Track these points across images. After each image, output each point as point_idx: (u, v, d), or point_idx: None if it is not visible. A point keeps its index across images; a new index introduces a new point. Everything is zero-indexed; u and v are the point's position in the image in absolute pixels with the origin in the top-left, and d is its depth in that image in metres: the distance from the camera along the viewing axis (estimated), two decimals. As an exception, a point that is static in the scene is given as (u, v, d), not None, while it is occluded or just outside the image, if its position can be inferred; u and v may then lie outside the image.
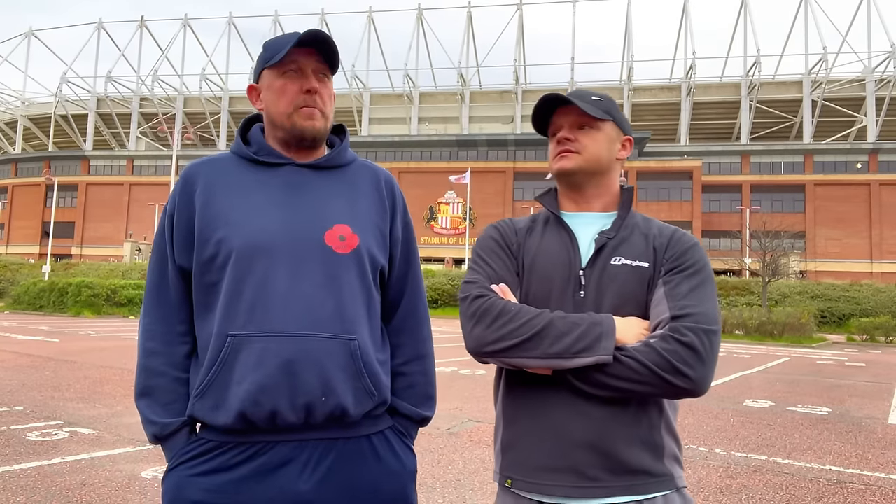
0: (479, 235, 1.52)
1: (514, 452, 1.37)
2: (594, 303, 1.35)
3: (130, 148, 67.94)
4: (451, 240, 55.58)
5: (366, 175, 1.49)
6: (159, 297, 1.40)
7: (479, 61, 69.67)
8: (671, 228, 1.46)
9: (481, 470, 4.70)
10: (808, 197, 52.88)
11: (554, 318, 1.30)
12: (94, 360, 10.35)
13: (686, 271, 1.35)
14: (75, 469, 4.37)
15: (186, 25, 70.30)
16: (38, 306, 25.78)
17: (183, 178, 1.43)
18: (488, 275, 1.41)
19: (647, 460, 1.31)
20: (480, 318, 1.33)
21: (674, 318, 1.27)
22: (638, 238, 1.41)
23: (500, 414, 1.44)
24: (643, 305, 1.36)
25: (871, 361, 15.61)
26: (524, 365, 1.31)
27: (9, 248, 62.83)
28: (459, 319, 1.41)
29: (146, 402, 1.36)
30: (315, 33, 1.37)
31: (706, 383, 1.26)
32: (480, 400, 7.79)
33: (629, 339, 1.29)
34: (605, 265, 1.38)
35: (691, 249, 1.39)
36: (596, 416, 1.30)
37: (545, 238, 1.45)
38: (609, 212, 1.48)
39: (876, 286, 32.08)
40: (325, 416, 1.29)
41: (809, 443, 6.01)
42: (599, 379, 1.26)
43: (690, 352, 1.24)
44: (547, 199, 1.52)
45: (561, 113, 1.48)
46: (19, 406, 6.43)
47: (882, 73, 57.08)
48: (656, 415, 1.35)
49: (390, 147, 59.02)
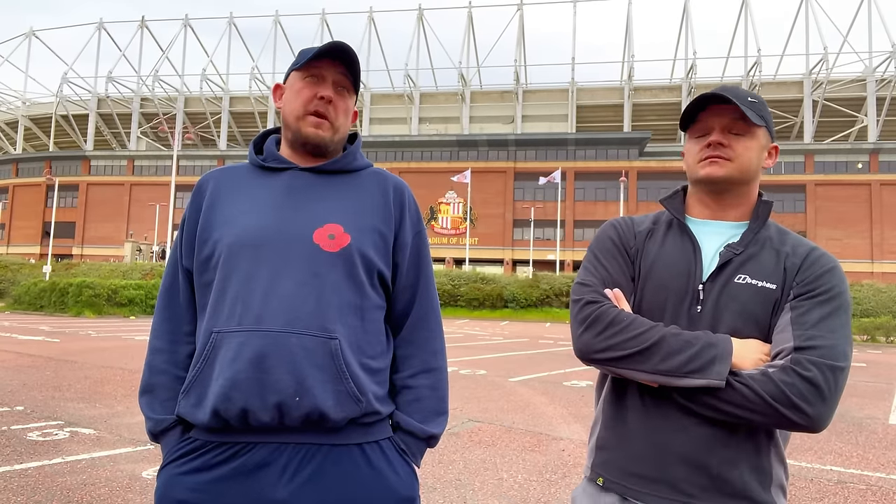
0: (597, 232, 1.47)
1: (609, 453, 1.35)
2: (711, 320, 1.28)
3: (131, 148, 67.89)
4: (451, 240, 55.55)
5: (373, 181, 1.47)
6: (170, 298, 1.44)
7: (479, 61, 69.65)
8: (808, 246, 1.34)
9: (481, 470, 4.70)
10: (808, 197, 52.83)
11: (667, 333, 1.24)
12: (95, 360, 10.36)
13: (818, 297, 1.25)
14: (76, 469, 4.37)
15: (187, 26, 70.28)
16: (39, 306, 25.78)
17: (198, 184, 1.48)
18: (602, 278, 1.37)
19: (753, 486, 1.25)
20: (591, 325, 1.30)
21: (797, 349, 1.19)
22: (768, 255, 1.32)
23: (600, 412, 1.42)
24: (766, 330, 1.27)
25: (872, 361, 15.60)
26: (631, 377, 1.28)
27: (9, 248, 62.83)
28: (570, 320, 1.38)
29: (147, 399, 1.40)
30: (340, 44, 1.39)
31: (825, 422, 1.18)
32: (481, 400, 7.78)
33: (746, 365, 1.22)
34: (728, 282, 1.30)
35: (828, 273, 1.28)
36: (700, 435, 1.25)
37: (666, 244, 1.39)
38: (741, 221, 1.39)
39: (877, 286, 32.04)
40: (301, 418, 1.25)
41: (810, 443, 6.00)
42: (708, 401, 1.21)
43: (811, 387, 1.16)
44: (673, 203, 1.43)
45: (714, 112, 1.37)
46: (20, 406, 6.43)
47: (883, 73, 56.99)
48: (765, 440, 1.28)
49: (391, 147, 59.00)
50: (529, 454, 5.22)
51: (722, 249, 1.33)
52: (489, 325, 25.47)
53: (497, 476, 4.57)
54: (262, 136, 1.54)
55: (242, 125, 68.31)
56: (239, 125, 68.31)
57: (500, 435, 5.89)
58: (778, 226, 1.40)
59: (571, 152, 57.02)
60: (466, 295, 32.72)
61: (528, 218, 53.78)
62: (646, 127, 59.50)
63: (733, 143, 1.35)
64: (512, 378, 9.91)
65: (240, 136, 68.43)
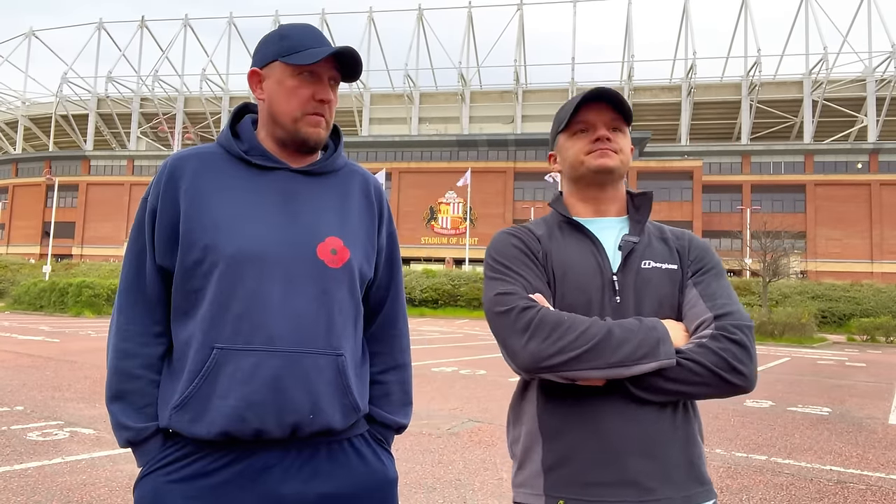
0: (495, 243, 1.43)
1: (563, 470, 1.29)
2: (633, 307, 1.33)
3: (131, 148, 67.89)
4: (451, 240, 55.56)
5: (356, 182, 1.45)
6: (136, 295, 1.32)
7: (479, 61, 69.67)
8: (680, 230, 1.48)
9: (481, 470, 4.70)
10: (808, 197, 52.82)
11: (611, 326, 1.25)
12: (95, 360, 10.35)
13: (712, 271, 1.38)
14: (76, 469, 4.37)
15: (187, 26, 70.28)
16: (39, 306, 25.77)
17: (168, 171, 1.33)
18: (522, 285, 1.33)
19: (697, 467, 1.30)
20: (535, 332, 1.25)
21: (717, 317, 1.28)
22: (657, 242, 1.42)
23: (534, 430, 1.34)
24: (676, 308, 1.36)
25: (872, 361, 15.60)
26: (584, 377, 1.24)
27: (9, 248, 62.82)
28: (499, 334, 1.32)
29: (119, 406, 1.29)
30: (343, 51, 1.33)
31: (755, 379, 1.27)
32: (481, 400, 7.78)
33: (679, 342, 1.27)
34: (638, 269, 1.36)
35: (709, 251, 1.43)
36: (650, 423, 1.27)
37: (569, 245, 1.40)
38: (621, 216, 1.46)
39: (876, 286, 32.06)
40: (312, 433, 1.28)
41: (810, 443, 6.01)
42: (658, 384, 1.24)
43: (742, 349, 1.24)
44: (560, 205, 1.48)
45: (594, 109, 1.42)
46: (20, 406, 6.43)
47: (882, 73, 57.01)
48: (694, 419, 1.35)
49: (391, 147, 59.00)
50: (529, 454, 5.22)
51: (621, 242, 1.39)
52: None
53: (497, 476, 4.57)
54: (236, 115, 1.44)
55: (242, 125, 68.26)
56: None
57: (500, 435, 5.88)
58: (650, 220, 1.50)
59: (571, 152, 56.92)
60: (466, 295, 32.73)
61: (527, 218, 53.72)
62: (646, 127, 59.48)
63: (616, 138, 1.42)
64: (512, 378, 9.90)
65: (240, 136, 68.37)
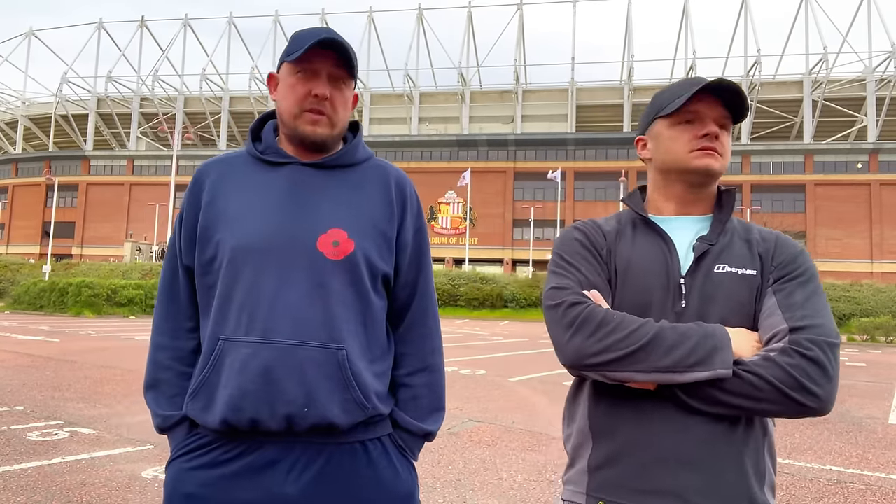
0: (560, 237, 1.39)
1: (608, 472, 1.24)
2: (698, 314, 1.24)
3: (131, 148, 67.88)
4: (451, 240, 55.56)
5: (375, 176, 1.43)
6: (170, 293, 1.42)
7: (479, 61, 69.59)
8: (773, 233, 1.34)
9: (481, 470, 4.70)
10: (808, 197, 52.83)
11: (663, 328, 1.18)
12: (95, 360, 10.35)
13: (798, 279, 1.24)
14: (75, 469, 4.37)
15: (187, 25, 70.26)
16: (39, 306, 25.76)
17: (194, 177, 1.43)
18: (578, 280, 1.28)
19: (753, 487, 1.20)
20: (580, 328, 1.20)
21: (792, 329, 1.16)
22: (739, 244, 1.30)
23: (584, 429, 1.30)
24: (751, 317, 1.24)
25: (872, 361, 15.60)
26: (630, 379, 1.18)
27: (9, 248, 62.81)
28: (549, 329, 1.29)
29: (152, 395, 1.39)
30: (330, 37, 1.33)
31: (832, 402, 1.14)
32: (481, 400, 7.79)
33: (745, 353, 1.17)
34: (709, 273, 1.26)
35: (801, 255, 1.28)
36: (701, 434, 1.18)
37: (637, 243, 1.33)
38: (706, 215, 1.36)
39: (876, 286, 32.02)
40: (309, 427, 1.27)
41: (810, 443, 6.01)
42: (714, 395, 1.15)
43: (816, 367, 1.12)
44: (636, 202, 1.40)
45: (706, 100, 1.30)
46: (20, 406, 6.43)
47: (882, 73, 56.98)
48: (761, 435, 1.23)
49: (390, 147, 58.99)
50: (529, 454, 5.22)
51: (695, 242, 1.30)
52: (489, 325, 25.46)
53: (497, 476, 4.57)
54: (260, 122, 1.49)
55: (242, 125, 68.26)
56: (239, 125, 68.27)
57: (500, 435, 5.89)
58: (739, 219, 1.39)
59: (571, 152, 57.02)
60: (466, 295, 32.71)
61: (527, 218, 53.76)
62: (645, 127, 59.41)
63: (722, 137, 1.32)
64: (512, 378, 9.91)
65: (239, 136, 68.38)
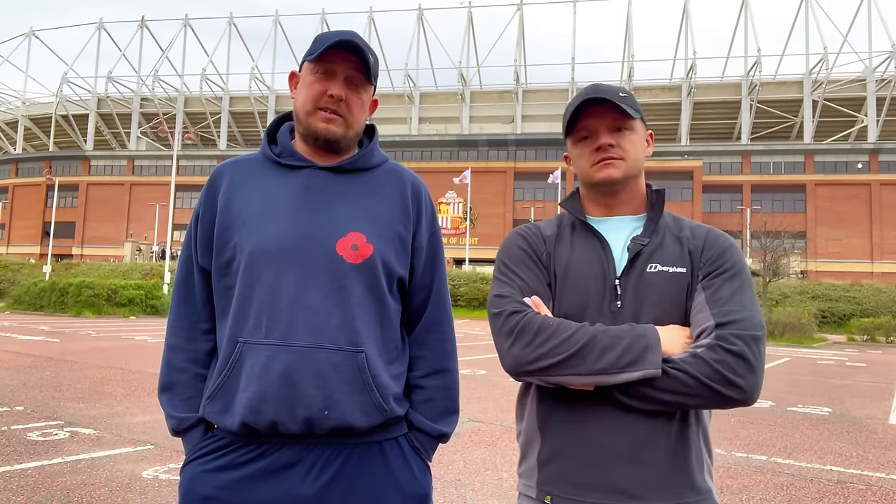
0: (504, 242, 1.44)
1: (555, 467, 1.31)
2: (633, 313, 1.29)
3: (131, 148, 67.85)
4: (451, 240, 55.54)
5: (391, 180, 1.44)
6: (185, 294, 1.42)
7: (479, 61, 69.57)
8: (704, 228, 1.39)
9: (481, 470, 4.70)
10: (808, 197, 52.81)
11: (596, 332, 1.23)
12: (95, 360, 10.36)
13: (725, 274, 1.29)
14: (76, 469, 4.37)
15: (187, 26, 70.25)
16: (39, 306, 25.76)
17: (210, 178, 1.44)
18: (520, 287, 1.34)
19: (694, 475, 1.26)
20: (518, 336, 1.27)
21: (718, 325, 1.22)
22: (671, 242, 1.35)
23: (533, 427, 1.37)
24: (684, 313, 1.30)
25: (872, 361, 15.60)
26: (567, 382, 1.25)
27: (9, 248, 62.81)
28: (492, 335, 1.35)
29: (167, 397, 1.39)
30: (350, 39, 1.34)
31: (757, 392, 1.21)
32: (481, 400, 7.79)
33: (674, 350, 1.24)
34: (642, 273, 1.31)
35: (728, 251, 1.33)
36: (640, 430, 1.24)
37: (575, 246, 1.38)
38: (638, 214, 1.41)
39: (877, 286, 32.05)
40: (328, 429, 1.28)
41: (810, 443, 6.01)
42: (646, 393, 1.21)
43: (740, 361, 1.19)
44: (573, 205, 1.44)
45: (593, 114, 1.36)
46: (20, 406, 6.43)
47: (883, 73, 56.94)
48: (696, 425, 1.30)
49: (391, 147, 59.00)
50: (529, 454, 5.22)
51: (629, 243, 1.35)
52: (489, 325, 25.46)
53: (497, 476, 4.57)
54: (276, 123, 1.50)
55: (242, 125, 68.28)
56: (239, 125, 68.26)
57: (500, 435, 5.89)
58: (671, 214, 1.43)
59: (571, 152, 56.94)
60: (466, 295, 32.73)
61: (528, 218, 53.72)
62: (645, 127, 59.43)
63: (620, 141, 1.36)
64: (511, 378, 9.90)
65: (240, 136, 68.42)
